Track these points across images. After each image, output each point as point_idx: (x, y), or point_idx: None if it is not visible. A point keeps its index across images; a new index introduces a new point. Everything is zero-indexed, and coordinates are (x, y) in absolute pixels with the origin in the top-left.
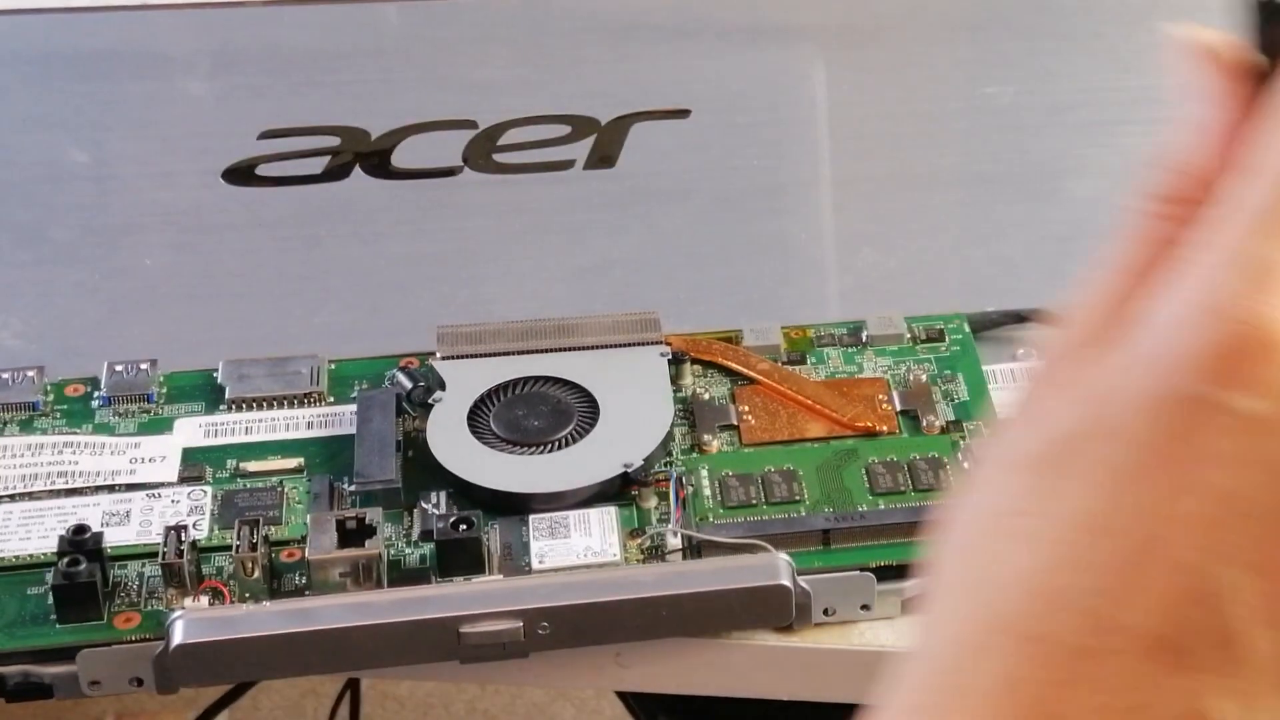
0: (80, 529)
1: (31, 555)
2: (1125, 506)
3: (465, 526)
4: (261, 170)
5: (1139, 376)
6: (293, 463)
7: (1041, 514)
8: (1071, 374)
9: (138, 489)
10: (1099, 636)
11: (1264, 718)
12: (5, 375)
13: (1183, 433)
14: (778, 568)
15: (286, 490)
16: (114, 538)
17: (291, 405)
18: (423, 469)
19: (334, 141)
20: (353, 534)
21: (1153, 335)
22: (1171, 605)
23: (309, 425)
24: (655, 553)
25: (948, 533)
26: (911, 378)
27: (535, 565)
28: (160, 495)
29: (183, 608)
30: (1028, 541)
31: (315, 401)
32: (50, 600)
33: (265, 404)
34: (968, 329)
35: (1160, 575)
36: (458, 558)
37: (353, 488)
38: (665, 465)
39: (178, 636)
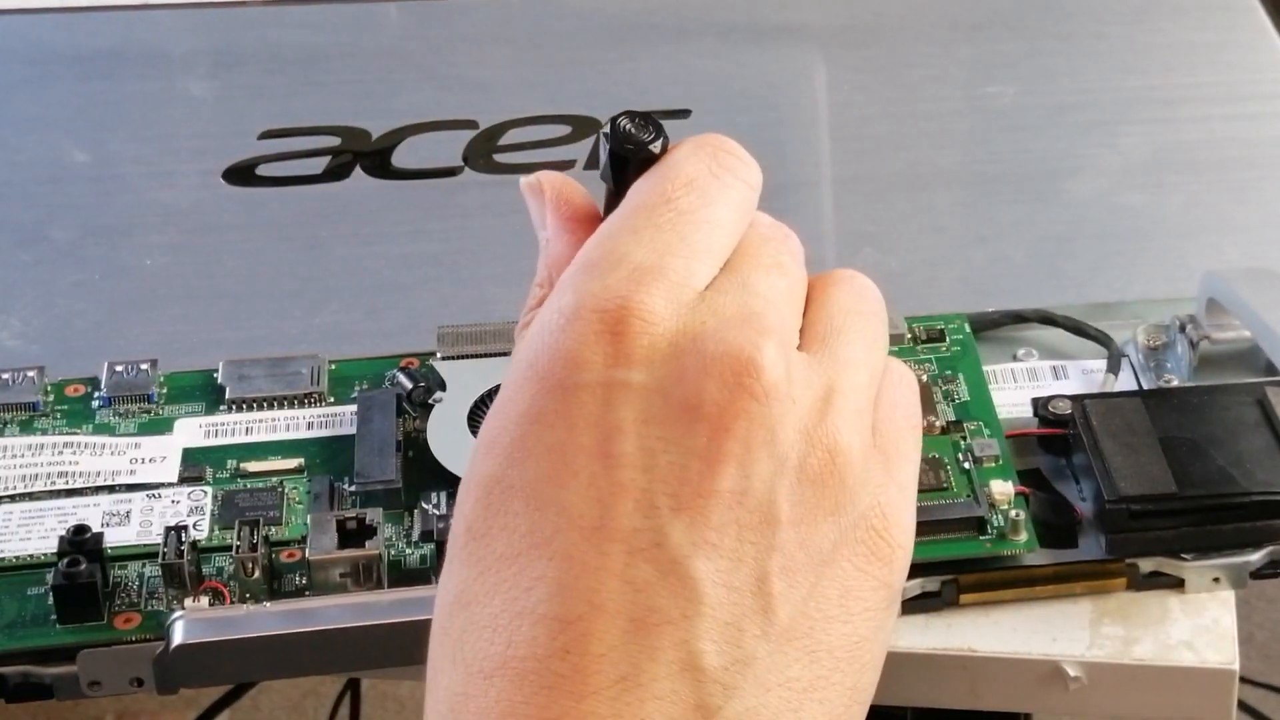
0: (80, 529)
1: (31, 556)
2: (568, 508)
3: None
4: (262, 170)
5: (533, 392)
6: (293, 463)
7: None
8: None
9: (138, 489)
10: (570, 635)
11: (748, 639)
12: (5, 375)
13: (587, 418)
14: None
15: (287, 491)
16: (114, 538)
17: (292, 406)
18: (423, 469)
19: (334, 141)
20: (353, 534)
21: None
22: (632, 577)
23: (309, 426)
24: None
25: None
26: None
27: None
28: (160, 495)
29: (183, 608)
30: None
31: (315, 402)
32: (50, 601)
33: (265, 404)
34: (968, 329)
35: (618, 557)
36: None
37: (353, 488)
38: None
39: (178, 637)
